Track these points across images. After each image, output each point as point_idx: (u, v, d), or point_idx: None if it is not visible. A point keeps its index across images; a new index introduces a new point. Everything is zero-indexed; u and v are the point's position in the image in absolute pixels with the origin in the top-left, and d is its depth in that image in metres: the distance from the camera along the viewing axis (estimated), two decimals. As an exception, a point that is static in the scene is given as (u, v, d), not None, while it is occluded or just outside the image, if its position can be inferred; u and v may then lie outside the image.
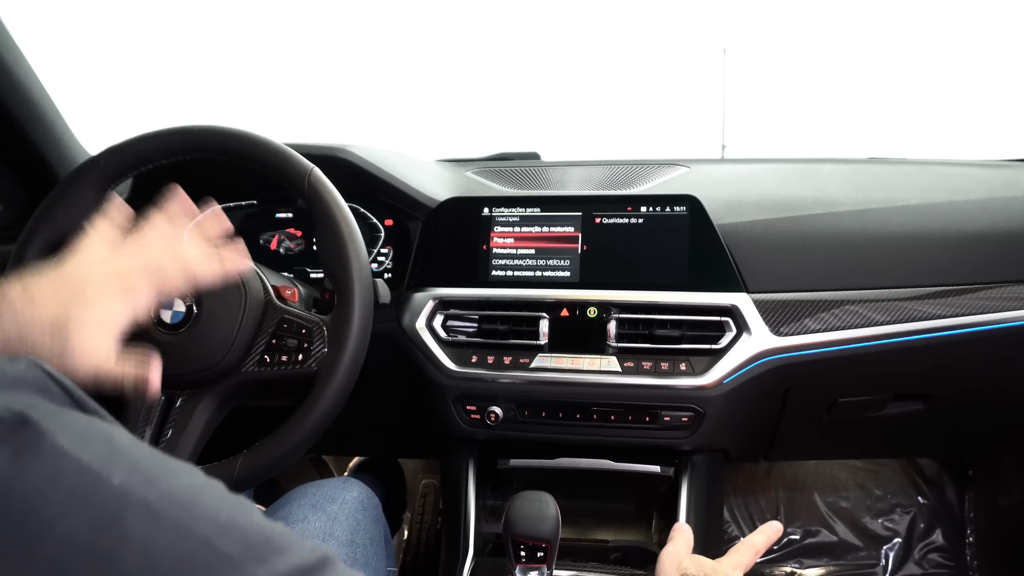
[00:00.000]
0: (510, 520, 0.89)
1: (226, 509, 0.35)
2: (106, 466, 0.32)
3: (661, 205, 1.14)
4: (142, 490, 0.33)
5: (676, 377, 1.07)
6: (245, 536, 0.35)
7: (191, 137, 1.00)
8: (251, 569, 0.34)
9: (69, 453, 0.31)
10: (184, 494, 0.34)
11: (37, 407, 0.32)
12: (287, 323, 0.96)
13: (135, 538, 0.31)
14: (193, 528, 0.33)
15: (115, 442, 0.34)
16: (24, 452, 0.30)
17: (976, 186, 1.24)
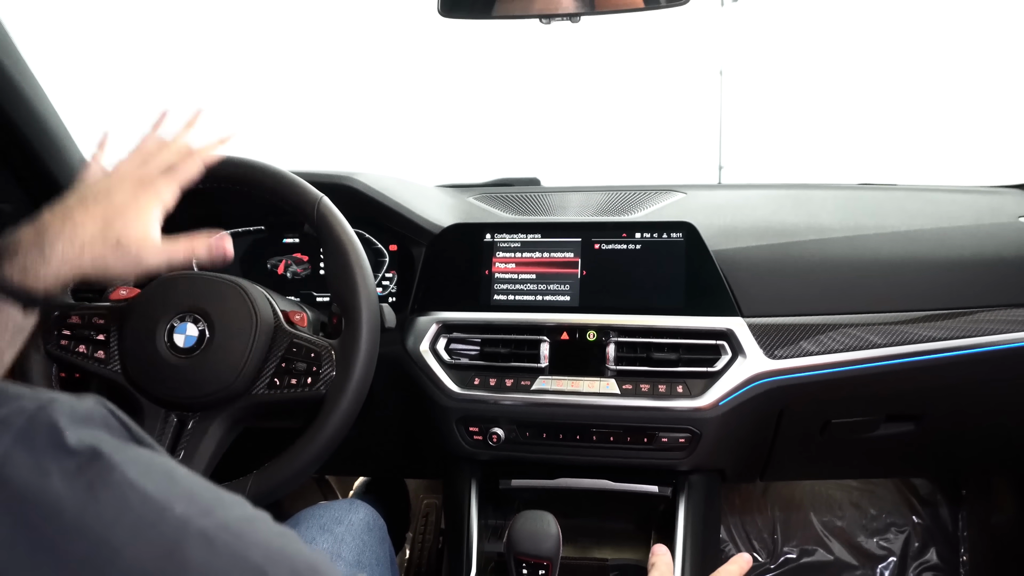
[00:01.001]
0: (512, 538, 0.92)
1: (276, 538, 0.38)
2: (168, 498, 0.35)
3: (658, 231, 1.18)
4: (200, 520, 0.35)
5: (673, 399, 1.10)
6: (294, 564, 0.37)
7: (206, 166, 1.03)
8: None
9: (136, 485, 0.34)
10: (238, 524, 0.37)
11: (106, 442, 0.35)
12: (296, 347, 0.99)
13: (194, 565, 0.34)
14: (248, 556, 0.36)
15: (175, 475, 0.37)
16: (97, 484, 0.33)
17: (964, 212, 1.28)
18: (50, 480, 0.32)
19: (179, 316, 0.98)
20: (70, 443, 0.33)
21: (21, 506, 0.31)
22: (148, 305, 0.99)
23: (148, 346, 0.97)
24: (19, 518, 0.30)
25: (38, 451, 0.32)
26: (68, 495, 0.32)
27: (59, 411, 0.34)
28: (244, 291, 1.00)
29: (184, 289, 1.00)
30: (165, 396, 0.97)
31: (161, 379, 0.97)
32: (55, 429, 0.33)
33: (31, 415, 0.33)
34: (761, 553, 1.70)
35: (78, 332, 1.00)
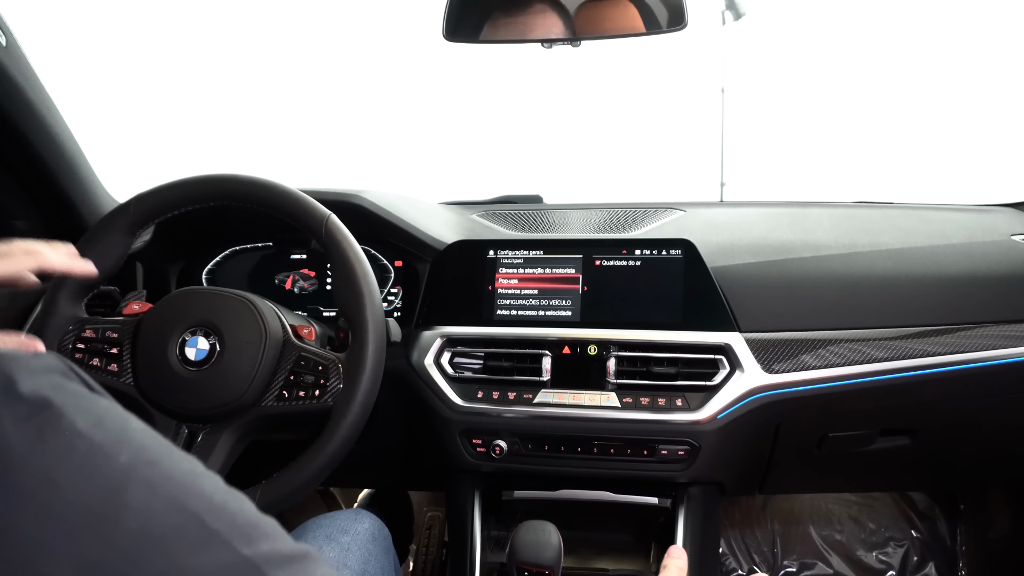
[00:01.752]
0: (514, 548, 0.94)
1: (219, 494, 0.41)
2: (116, 447, 0.38)
3: (658, 249, 1.21)
4: (145, 469, 0.38)
5: (672, 412, 1.12)
6: (234, 518, 0.40)
7: (217, 185, 1.07)
8: (236, 545, 0.39)
9: (84, 434, 0.37)
10: (183, 476, 0.40)
11: (59, 391, 0.38)
12: (304, 360, 1.02)
13: (135, 507, 0.36)
14: (187, 504, 0.38)
15: (128, 427, 0.40)
16: (46, 430, 0.36)
17: (957, 231, 1.30)
18: (2, 424, 0.35)
19: (191, 330, 1.00)
20: (22, 391, 0.36)
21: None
22: (160, 319, 1.02)
23: (160, 359, 0.99)
24: None
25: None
26: (17, 438, 0.35)
27: (12, 363, 0.37)
28: (254, 306, 1.03)
29: (196, 304, 1.03)
30: (176, 408, 1.00)
31: (173, 391, 0.99)
32: (8, 379, 0.36)
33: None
34: (761, 567, 1.72)
35: (92, 346, 1.03)
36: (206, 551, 0.38)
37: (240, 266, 1.37)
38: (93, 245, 1.06)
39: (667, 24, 1.08)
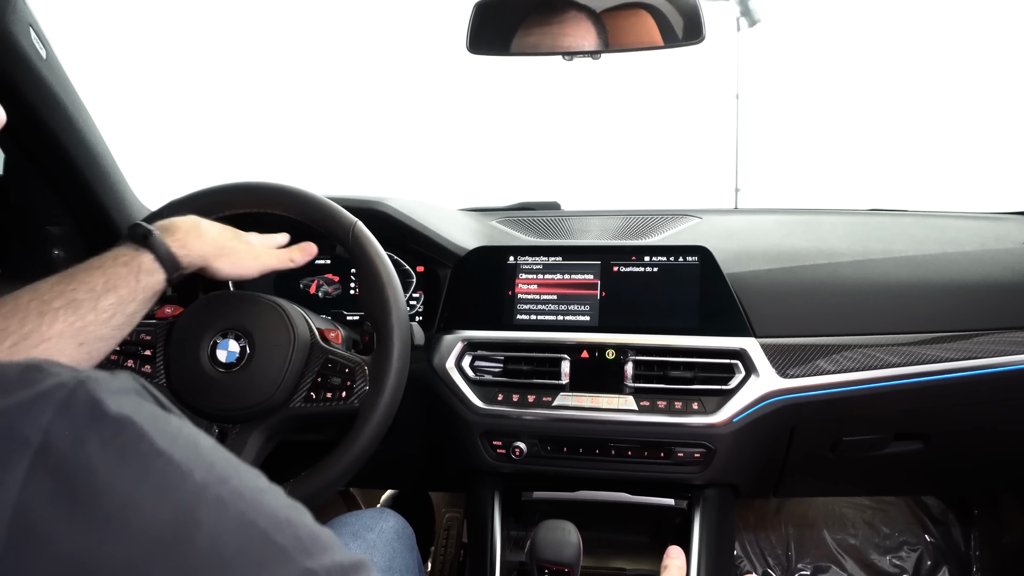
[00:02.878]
0: (535, 546, 0.97)
1: (283, 510, 0.43)
2: (191, 465, 0.40)
3: (674, 255, 1.23)
4: (216, 487, 0.40)
5: (689, 416, 1.15)
6: (297, 533, 0.42)
7: (248, 192, 1.10)
8: (300, 560, 0.40)
9: (163, 452, 0.39)
10: (251, 492, 0.42)
11: (139, 411, 0.40)
12: (331, 363, 1.05)
13: (207, 524, 0.38)
14: (255, 521, 0.40)
15: (199, 445, 0.42)
16: (127, 451, 0.38)
17: (970, 238, 1.32)
18: (86, 447, 0.37)
19: (221, 333, 1.04)
20: (109, 411, 0.38)
21: (61, 469, 0.36)
22: (192, 322, 1.06)
23: (192, 361, 1.03)
24: (59, 479, 0.36)
25: (77, 422, 0.37)
26: (101, 460, 0.37)
27: (96, 385, 0.39)
28: (283, 309, 1.06)
29: (226, 307, 1.06)
30: (207, 409, 1.03)
31: (204, 392, 1.02)
32: (93, 401, 0.38)
33: (71, 389, 0.38)
34: (775, 570, 1.74)
35: (126, 348, 1.06)
36: (272, 566, 0.39)
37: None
38: (128, 250, 1.09)
39: (684, 37, 1.11)
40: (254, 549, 0.39)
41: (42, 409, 0.37)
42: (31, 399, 0.37)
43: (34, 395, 0.37)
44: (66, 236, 1.33)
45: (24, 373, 0.38)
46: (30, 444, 0.36)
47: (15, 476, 0.35)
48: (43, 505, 0.35)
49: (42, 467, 0.35)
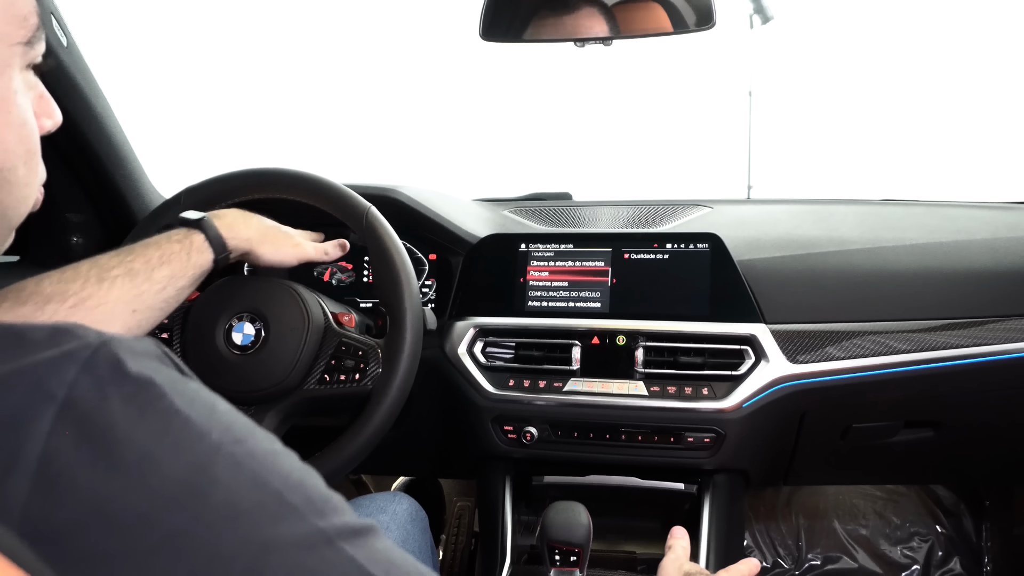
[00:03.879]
0: (546, 527, 0.98)
1: (296, 472, 0.44)
2: (207, 425, 0.41)
3: (685, 242, 1.24)
4: (231, 447, 0.41)
5: (699, 401, 1.16)
6: (309, 494, 0.43)
7: (263, 178, 1.12)
8: (311, 519, 0.42)
9: (181, 412, 0.40)
10: (264, 454, 0.43)
11: (160, 373, 0.41)
12: (345, 346, 1.06)
13: (221, 482, 0.40)
14: (268, 481, 0.41)
15: (216, 407, 0.43)
16: (147, 409, 0.39)
17: (981, 228, 1.32)
18: (109, 403, 0.38)
19: (237, 316, 1.05)
20: (130, 371, 0.40)
21: (84, 422, 0.37)
22: (208, 306, 1.07)
23: (208, 343, 1.04)
24: (83, 431, 0.37)
25: (100, 379, 0.39)
26: (122, 416, 0.38)
27: (120, 346, 0.41)
28: (297, 293, 1.07)
29: (242, 291, 1.08)
30: (223, 390, 1.03)
31: (220, 374, 1.04)
32: (116, 360, 0.40)
33: (95, 348, 0.40)
34: (786, 560, 1.74)
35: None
36: (284, 524, 0.41)
37: (280, 259, 1.42)
38: (146, 236, 1.11)
39: (696, 23, 1.12)
40: (267, 507, 0.41)
41: (67, 366, 0.38)
42: (57, 357, 0.39)
43: (60, 353, 0.39)
44: (85, 223, 1.35)
45: (52, 334, 0.40)
46: (55, 398, 0.37)
47: (41, 427, 0.36)
48: (67, 454, 0.36)
49: (66, 420, 0.37)
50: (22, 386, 0.37)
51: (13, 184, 0.51)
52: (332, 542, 0.42)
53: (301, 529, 0.41)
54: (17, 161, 0.51)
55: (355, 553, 0.43)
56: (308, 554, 0.41)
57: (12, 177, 0.51)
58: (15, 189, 0.52)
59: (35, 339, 0.39)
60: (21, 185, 0.52)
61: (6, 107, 0.50)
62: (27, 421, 0.36)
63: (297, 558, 0.41)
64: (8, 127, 0.51)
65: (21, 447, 0.36)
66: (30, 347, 0.39)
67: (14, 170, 0.51)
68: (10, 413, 0.36)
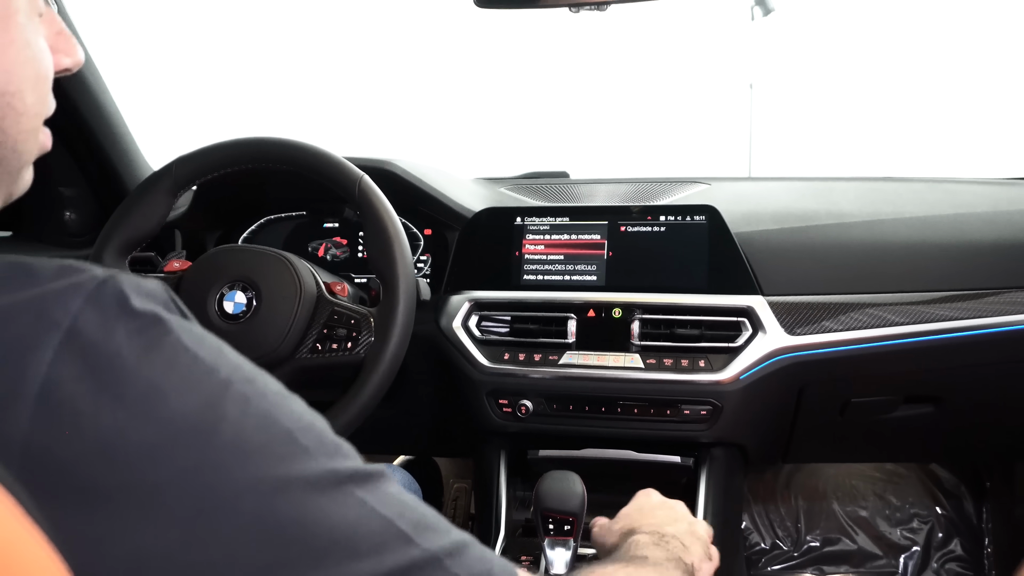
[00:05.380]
0: (540, 496, 0.97)
1: (307, 415, 0.43)
2: (216, 363, 0.40)
3: (682, 215, 1.23)
4: (242, 385, 0.40)
5: (695, 373, 1.14)
6: (321, 437, 0.43)
7: (254, 148, 1.11)
8: (322, 460, 0.41)
9: (189, 349, 0.40)
10: (275, 395, 0.42)
11: (166, 312, 0.40)
12: (337, 315, 1.05)
13: (231, 419, 0.39)
14: (279, 420, 0.41)
15: (224, 349, 0.42)
16: (154, 343, 0.38)
17: (982, 201, 1.31)
18: (114, 335, 0.37)
19: (228, 285, 1.04)
20: (135, 307, 0.39)
21: (89, 353, 0.36)
22: (200, 275, 1.06)
23: (200, 313, 1.03)
24: (88, 362, 0.36)
25: (106, 312, 0.38)
26: (128, 348, 0.37)
27: (126, 281, 0.40)
28: (289, 263, 1.07)
29: (234, 260, 1.07)
30: None
31: None
32: (122, 295, 0.39)
33: (102, 281, 0.39)
34: (785, 541, 1.73)
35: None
36: (295, 464, 0.40)
37: (275, 234, 1.41)
38: (137, 205, 1.10)
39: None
40: (277, 446, 0.40)
41: (73, 297, 0.37)
42: (63, 288, 0.38)
43: (66, 285, 0.38)
44: (78, 197, 1.34)
45: (59, 269, 0.39)
46: (59, 326, 0.36)
47: (44, 355, 0.35)
48: (70, 384, 0.35)
49: (70, 349, 0.36)
50: (27, 315, 0.36)
51: (21, 113, 0.47)
52: (343, 484, 0.42)
53: (312, 470, 0.41)
54: (24, 85, 0.47)
55: (366, 496, 0.42)
56: (319, 495, 0.40)
57: (19, 104, 0.47)
58: (23, 119, 0.48)
59: (42, 273, 0.39)
60: (30, 115, 0.48)
61: (5, 24, 0.46)
62: (30, 349, 0.35)
63: (308, 499, 0.40)
64: (9, 46, 0.46)
65: (23, 376, 0.35)
66: (37, 279, 0.38)
67: (21, 95, 0.47)
68: (14, 341, 0.35)
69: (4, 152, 0.47)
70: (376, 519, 0.42)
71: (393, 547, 0.42)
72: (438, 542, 0.44)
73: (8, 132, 0.47)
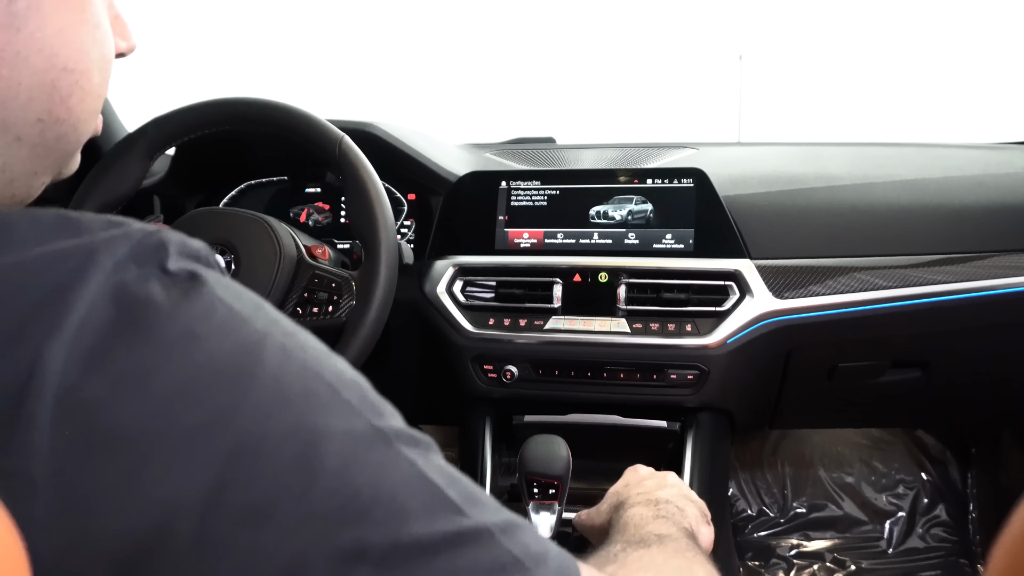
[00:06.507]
0: (524, 460, 0.96)
1: (349, 372, 0.42)
2: (253, 316, 0.39)
3: (669, 178, 1.21)
4: (281, 338, 0.39)
5: (682, 337, 1.13)
6: (364, 394, 0.41)
7: (231, 108, 1.08)
8: (367, 417, 0.40)
9: (225, 301, 0.39)
10: (316, 350, 0.41)
11: (205, 267, 0.40)
12: (318, 278, 1.03)
13: (270, 366, 0.38)
14: (321, 373, 0.39)
15: (263, 306, 0.41)
16: (191, 293, 0.38)
17: (972, 165, 1.30)
18: (152, 286, 0.37)
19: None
20: (171, 267, 0.38)
21: (124, 299, 0.36)
22: None
23: None
24: (123, 307, 0.36)
25: (147, 263, 0.37)
26: (165, 297, 0.37)
27: (171, 238, 0.39)
28: (269, 226, 1.04)
29: (212, 223, 1.05)
30: None
31: None
32: (165, 250, 0.38)
33: (147, 234, 0.38)
34: (771, 508, 1.73)
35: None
36: (338, 416, 0.39)
37: (255, 200, 1.39)
38: (113, 167, 1.08)
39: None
40: (320, 396, 0.39)
41: (120, 246, 0.37)
42: (110, 237, 0.38)
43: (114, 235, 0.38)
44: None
45: (108, 222, 0.39)
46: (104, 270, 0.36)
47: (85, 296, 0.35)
48: (106, 328, 0.35)
49: (110, 295, 0.36)
50: (74, 259, 0.36)
51: (87, 92, 0.46)
52: (391, 443, 0.40)
53: (357, 425, 0.39)
54: (93, 66, 0.46)
55: (416, 458, 0.41)
56: (367, 449, 0.39)
57: (87, 84, 0.46)
58: (88, 99, 0.47)
59: (92, 224, 0.39)
60: (95, 96, 0.47)
61: (81, 2, 0.45)
62: (72, 290, 0.35)
63: (355, 451, 0.38)
64: (82, 24, 0.45)
65: (65, 315, 0.35)
66: (87, 229, 0.38)
67: (88, 75, 0.46)
68: (59, 282, 0.36)
69: (66, 130, 0.46)
70: (425, 483, 0.40)
71: (443, 514, 0.40)
72: (490, 517, 0.41)
73: (74, 110, 0.46)
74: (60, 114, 0.45)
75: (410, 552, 0.38)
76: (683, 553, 0.66)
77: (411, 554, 0.38)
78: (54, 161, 0.48)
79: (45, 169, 0.48)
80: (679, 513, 0.76)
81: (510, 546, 0.41)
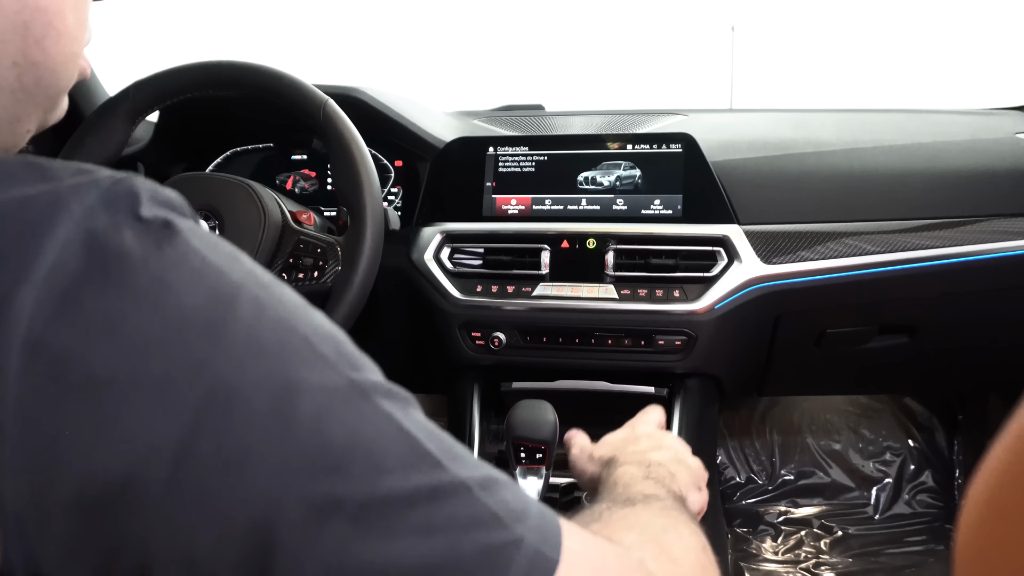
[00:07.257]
0: (511, 424, 0.96)
1: (326, 325, 0.41)
2: (229, 267, 0.39)
3: (657, 143, 1.20)
4: (256, 290, 0.39)
5: (670, 303, 1.13)
6: (340, 348, 0.40)
7: (214, 71, 1.06)
8: (344, 371, 0.39)
9: (199, 251, 0.38)
10: (291, 303, 0.40)
11: (178, 219, 0.39)
12: (303, 243, 1.02)
13: (244, 317, 0.37)
14: (295, 326, 0.39)
15: (239, 257, 0.40)
16: (163, 243, 0.37)
17: (961, 130, 1.29)
18: (123, 233, 0.36)
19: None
20: (144, 215, 0.37)
21: (96, 247, 0.35)
22: None
23: None
24: (94, 254, 0.35)
25: (117, 210, 0.36)
26: (136, 246, 0.36)
27: (141, 185, 0.38)
28: (253, 191, 1.03)
29: (196, 188, 1.04)
30: None
31: None
32: (136, 196, 0.37)
33: (117, 180, 0.38)
34: (760, 475, 1.74)
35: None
36: (313, 368, 0.38)
37: (241, 167, 1.37)
38: (94, 131, 1.06)
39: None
40: (294, 349, 0.38)
41: (88, 192, 0.37)
42: (79, 184, 0.37)
43: (83, 181, 0.37)
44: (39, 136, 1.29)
45: (76, 169, 0.38)
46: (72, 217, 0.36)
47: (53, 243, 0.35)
48: (76, 275, 0.35)
49: (79, 241, 0.35)
50: (41, 205, 0.36)
51: (62, 33, 0.45)
52: (368, 396, 0.39)
53: (333, 378, 0.39)
54: (65, 6, 0.45)
55: (393, 411, 0.40)
56: (342, 404, 0.38)
57: (60, 24, 0.45)
58: (63, 41, 0.45)
59: (60, 171, 0.38)
60: (71, 37, 0.46)
61: None
62: (40, 236, 0.35)
63: (330, 403, 0.38)
64: None
65: (33, 261, 0.34)
66: (55, 176, 0.37)
67: (61, 15, 0.45)
68: (26, 229, 0.35)
69: (43, 73, 0.45)
70: (403, 436, 0.39)
71: (420, 467, 0.39)
72: (469, 472, 0.41)
73: (49, 52, 0.45)
74: (36, 57, 0.44)
75: (386, 505, 0.37)
76: (668, 512, 0.66)
77: (387, 507, 0.37)
78: (36, 106, 0.47)
79: (27, 115, 0.46)
80: (669, 477, 0.76)
81: (489, 501, 0.40)
